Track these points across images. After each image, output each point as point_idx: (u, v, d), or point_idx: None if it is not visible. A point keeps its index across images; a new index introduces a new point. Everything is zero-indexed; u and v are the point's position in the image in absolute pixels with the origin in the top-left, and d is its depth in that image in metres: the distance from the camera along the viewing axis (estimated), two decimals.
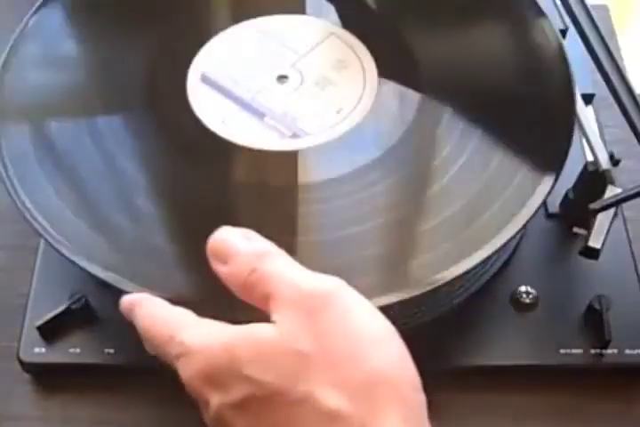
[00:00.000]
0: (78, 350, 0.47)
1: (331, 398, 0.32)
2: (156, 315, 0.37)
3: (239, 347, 0.33)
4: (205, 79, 0.50)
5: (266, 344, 0.33)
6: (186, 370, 0.34)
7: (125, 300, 0.39)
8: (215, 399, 0.33)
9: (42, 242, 0.51)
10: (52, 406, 0.47)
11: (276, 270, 0.35)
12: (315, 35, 0.52)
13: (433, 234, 0.43)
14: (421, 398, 0.34)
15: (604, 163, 0.47)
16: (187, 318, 0.36)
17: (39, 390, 0.47)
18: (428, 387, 0.46)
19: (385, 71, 0.50)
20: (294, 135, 0.47)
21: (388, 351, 0.33)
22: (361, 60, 0.51)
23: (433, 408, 0.46)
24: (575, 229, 0.50)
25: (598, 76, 0.49)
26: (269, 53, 0.51)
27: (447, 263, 0.42)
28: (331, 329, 0.33)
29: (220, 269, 0.36)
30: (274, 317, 0.34)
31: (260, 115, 0.48)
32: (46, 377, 0.47)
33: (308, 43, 0.52)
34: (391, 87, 0.50)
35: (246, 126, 0.48)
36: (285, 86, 0.50)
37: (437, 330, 0.47)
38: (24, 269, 0.50)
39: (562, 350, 0.47)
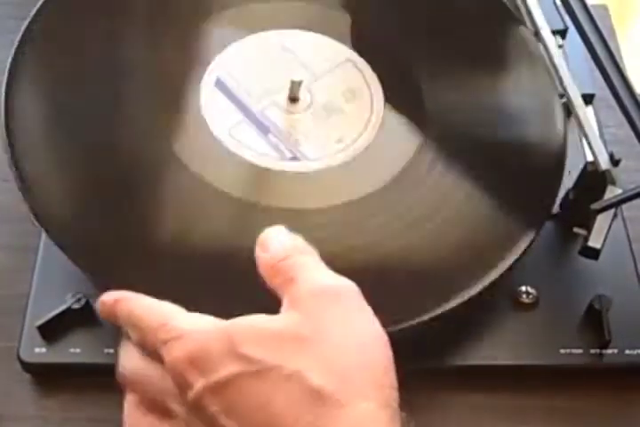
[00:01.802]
0: (79, 350, 0.47)
1: (317, 377, 0.33)
2: (145, 305, 0.38)
3: (237, 331, 0.35)
4: (219, 84, 0.51)
5: (266, 330, 0.35)
6: (172, 352, 0.35)
7: (108, 295, 0.39)
8: (198, 383, 0.34)
9: (42, 242, 0.51)
10: (53, 405, 0.47)
11: (305, 262, 0.38)
12: (333, 58, 0.53)
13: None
14: (396, 395, 0.35)
15: (604, 163, 0.47)
16: (176, 308, 0.37)
17: (39, 390, 0.47)
18: (428, 387, 0.47)
19: (392, 109, 0.51)
20: (294, 158, 0.49)
21: (380, 353, 0.36)
22: (371, 93, 0.52)
23: (433, 408, 0.47)
24: (575, 230, 0.50)
25: (598, 76, 0.49)
26: (286, 69, 0.51)
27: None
28: (335, 321, 0.35)
29: (260, 254, 0.39)
30: (285, 305, 0.36)
31: (264, 130, 0.49)
32: (46, 377, 0.47)
33: (324, 65, 0.53)
34: (394, 127, 0.50)
35: (250, 139, 0.49)
36: (294, 106, 0.51)
37: (438, 330, 0.47)
38: (24, 269, 0.50)
39: (562, 350, 0.47)
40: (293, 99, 0.51)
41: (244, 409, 0.34)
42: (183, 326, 0.36)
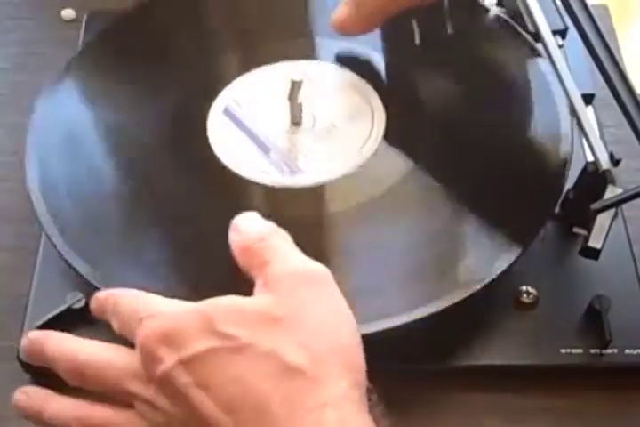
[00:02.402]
0: None
1: (293, 355, 0.35)
2: (129, 294, 0.40)
3: (214, 310, 0.36)
4: (227, 112, 0.53)
5: (242, 310, 0.36)
6: (146, 329, 0.36)
7: (102, 292, 0.41)
8: (170, 358, 0.35)
9: (42, 243, 0.51)
10: None
11: (280, 245, 0.39)
12: (336, 83, 0.55)
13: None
14: (365, 379, 0.36)
15: (604, 163, 0.47)
16: (157, 296, 0.39)
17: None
18: (428, 386, 0.47)
19: (392, 128, 0.52)
20: (292, 172, 0.50)
21: (351, 338, 0.37)
22: (372, 114, 0.53)
23: (432, 408, 0.47)
24: (575, 230, 0.50)
25: (599, 76, 0.49)
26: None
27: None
28: (309, 304, 0.37)
29: (234, 237, 0.40)
30: (259, 287, 0.37)
31: (266, 150, 0.51)
32: (46, 377, 0.47)
33: (329, 89, 0.55)
34: (392, 147, 0.52)
35: (252, 159, 0.51)
36: (297, 127, 0.53)
37: (437, 329, 0.47)
38: (24, 269, 0.50)
39: (562, 350, 0.47)
40: (296, 122, 0.53)
41: (217, 382, 0.34)
42: (159, 306, 0.37)
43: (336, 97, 0.54)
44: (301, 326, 0.36)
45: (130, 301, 0.39)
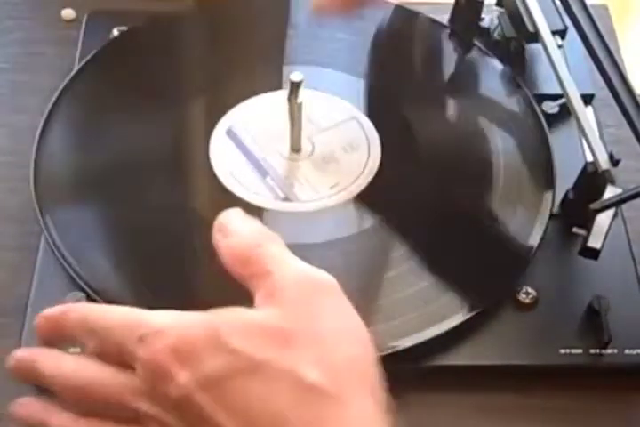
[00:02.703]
0: (79, 350, 0.47)
1: (311, 373, 0.33)
2: (103, 309, 0.37)
3: (222, 323, 0.34)
4: (230, 133, 0.54)
5: (252, 324, 0.34)
6: (153, 346, 0.33)
7: (50, 310, 0.38)
8: (184, 376, 0.33)
9: (42, 242, 0.51)
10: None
11: (280, 253, 0.37)
12: (338, 115, 0.56)
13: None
14: (382, 390, 0.35)
15: (604, 163, 0.47)
16: (137, 309, 0.36)
17: (39, 390, 0.47)
18: (427, 386, 0.47)
19: (386, 166, 0.54)
20: (286, 199, 0.51)
21: (365, 348, 0.35)
22: (369, 148, 0.54)
23: (432, 408, 0.47)
24: (574, 230, 0.50)
25: (598, 76, 0.49)
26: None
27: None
28: (323, 312, 0.35)
29: (221, 240, 0.37)
30: (262, 298, 0.35)
31: (263, 173, 0.52)
32: None
33: (330, 121, 0.56)
34: (384, 182, 0.53)
35: (249, 181, 0.53)
36: (296, 154, 0.54)
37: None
38: (24, 269, 0.50)
39: (561, 350, 0.47)
40: (296, 149, 0.54)
41: (235, 399, 0.33)
42: (160, 320, 0.34)
43: (334, 126, 0.56)
44: (315, 340, 0.34)
45: (114, 317, 0.36)
